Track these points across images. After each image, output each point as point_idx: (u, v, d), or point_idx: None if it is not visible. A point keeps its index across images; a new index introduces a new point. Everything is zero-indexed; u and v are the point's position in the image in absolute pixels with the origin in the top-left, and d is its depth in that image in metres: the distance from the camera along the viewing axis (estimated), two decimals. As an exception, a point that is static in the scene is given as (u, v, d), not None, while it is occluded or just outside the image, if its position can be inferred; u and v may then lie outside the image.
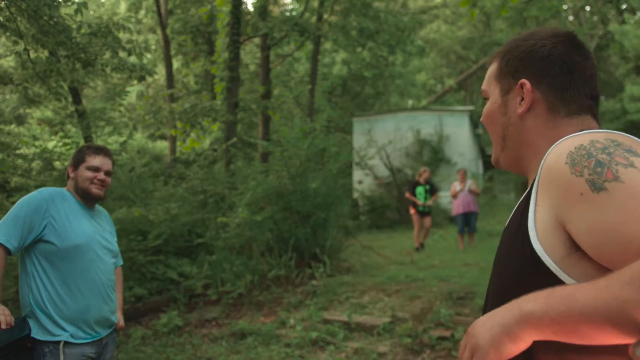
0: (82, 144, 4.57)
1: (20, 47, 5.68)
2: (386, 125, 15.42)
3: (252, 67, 17.73)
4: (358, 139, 15.26)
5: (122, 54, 6.58)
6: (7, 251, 2.22)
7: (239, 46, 10.73)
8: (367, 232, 12.44)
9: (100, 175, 2.49)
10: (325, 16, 14.50)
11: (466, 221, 9.22)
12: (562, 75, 1.05)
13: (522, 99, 1.07)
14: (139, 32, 18.74)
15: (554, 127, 1.04)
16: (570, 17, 24.68)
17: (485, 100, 1.18)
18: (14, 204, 2.35)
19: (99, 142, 7.70)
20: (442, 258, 8.11)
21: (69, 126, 9.12)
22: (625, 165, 0.83)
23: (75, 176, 2.49)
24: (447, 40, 27.63)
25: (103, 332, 2.45)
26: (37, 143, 7.82)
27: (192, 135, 12.78)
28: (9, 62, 10.51)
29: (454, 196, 9.34)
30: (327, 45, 19.30)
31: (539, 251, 0.89)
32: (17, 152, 7.26)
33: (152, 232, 6.88)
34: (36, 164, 7.31)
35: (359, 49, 17.75)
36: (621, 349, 0.84)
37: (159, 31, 16.06)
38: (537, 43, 1.07)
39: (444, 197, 13.05)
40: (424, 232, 9.62)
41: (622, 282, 0.74)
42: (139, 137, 18.99)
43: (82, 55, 5.62)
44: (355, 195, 14.41)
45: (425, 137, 15.02)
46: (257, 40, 14.51)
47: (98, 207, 2.63)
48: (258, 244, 7.11)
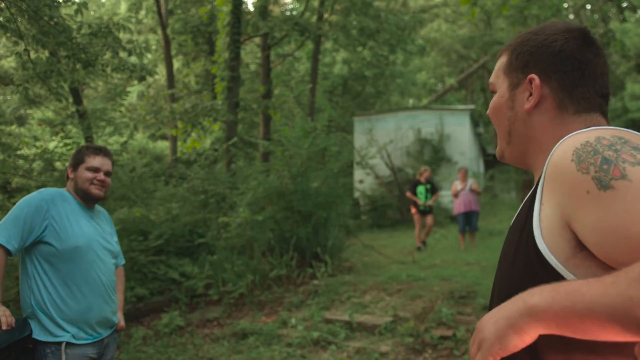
0: (82, 145, 4.57)
1: (21, 47, 5.68)
2: (387, 125, 15.41)
3: (252, 67, 17.73)
4: (359, 139, 15.26)
5: (122, 54, 6.58)
6: (8, 252, 2.22)
7: (240, 46, 10.73)
8: (368, 231, 12.43)
9: (100, 176, 2.48)
10: (326, 15, 14.49)
11: (467, 220, 9.21)
12: (573, 72, 1.03)
13: (531, 94, 1.05)
14: (139, 33, 18.72)
15: (561, 125, 1.03)
16: (571, 16, 24.62)
17: (493, 93, 1.16)
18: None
19: (100, 143, 7.71)
20: (444, 257, 8.10)
21: (69, 127, 9.11)
22: (633, 163, 0.82)
23: (74, 177, 2.48)
24: (447, 39, 27.58)
25: (104, 333, 2.45)
26: (38, 144, 7.83)
27: (193, 135, 12.79)
28: (9, 63, 10.51)
29: (455, 195, 9.33)
30: (328, 44, 19.31)
31: (543, 250, 0.88)
32: (18, 152, 7.25)
33: (153, 232, 6.89)
34: (37, 165, 7.31)
35: (359, 48, 17.75)
36: (628, 350, 0.84)
37: (159, 31, 16.07)
38: (549, 38, 1.05)
39: (445, 196, 13.04)
40: (426, 230, 9.61)
41: (629, 279, 0.73)
42: (140, 137, 19.00)
43: (83, 55, 5.61)
44: (357, 194, 14.40)
45: (426, 136, 15.00)
46: (257, 40, 14.50)
47: (98, 207, 2.62)
48: (259, 243, 7.10)
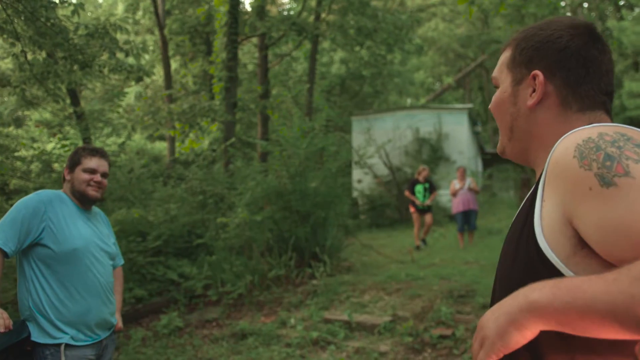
0: (79, 146, 4.56)
1: (18, 49, 5.67)
2: (385, 124, 15.41)
3: (250, 67, 17.71)
4: (357, 138, 15.25)
5: (119, 55, 6.57)
6: (5, 254, 2.21)
7: (237, 46, 10.72)
8: (367, 231, 12.44)
9: (97, 177, 2.47)
10: (323, 15, 14.48)
11: (466, 219, 9.21)
12: (578, 69, 1.01)
13: (534, 90, 1.04)
14: (136, 33, 18.70)
15: (564, 122, 1.01)
16: (568, 14, 24.66)
17: (495, 87, 1.15)
18: (13, 206, 2.34)
19: (98, 144, 7.70)
20: (443, 256, 8.10)
21: (67, 128, 9.11)
22: (636, 160, 0.81)
23: (71, 178, 2.47)
24: (445, 38, 27.60)
25: (103, 334, 2.45)
26: (35, 145, 7.82)
27: (191, 135, 12.76)
28: (6, 64, 10.49)
29: (454, 194, 9.34)
30: (325, 44, 19.30)
31: (544, 248, 0.88)
32: (16, 154, 7.24)
33: (152, 233, 6.88)
34: (35, 166, 7.30)
35: (357, 48, 17.74)
36: (628, 350, 0.83)
37: (156, 32, 16.03)
38: (554, 34, 1.03)
39: (444, 196, 13.05)
40: (425, 228, 9.62)
41: (631, 277, 0.72)
42: (138, 138, 18.96)
43: (80, 56, 5.60)
44: (355, 194, 14.40)
45: (424, 136, 15.00)
46: (255, 40, 14.48)
47: (95, 208, 2.61)
48: (258, 244, 7.10)
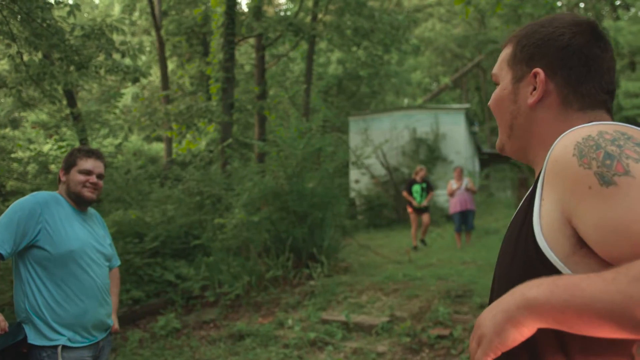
0: (74, 147, 4.55)
1: (14, 50, 5.65)
2: (382, 124, 15.42)
3: (247, 68, 17.71)
4: (354, 139, 15.26)
5: (115, 55, 6.55)
6: (0, 256, 2.20)
7: (234, 47, 10.71)
8: (364, 231, 12.44)
9: (93, 179, 2.46)
10: (320, 16, 14.49)
11: (463, 219, 9.22)
12: (579, 68, 1.00)
13: (535, 88, 1.03)
14: (133, 34, 18.67)
15: (565, 121, 1.00)
16: (565, 14, 24.70)
17: (495, 84, 1.13)
18: (9, 207, 2.32)
19: (95, 145, 7.68)
20: (440, 256, 8.10)
21: (64, 129, 9.08)
22: (636, 159, 0.80)
23: (67, 180, 2.46)
24: (442, 39, 27.62)
25: (100, 336, 2.44)
26: (32, 146, 7.81)
27: (188, 136, 12.75)
28: (2, 66, 10.44)
29: (451, 194, 9.34)
30: (322, 44, 19.32)
31: (543, 247, 0.87)
32: (12, 155, 7.22)
33: (149, 235, 6.86)
34: (31, 168, 7.28)
35: (354, 48, 17.77)
36: (627, 350, 0.83)
37: (153, 33, 16.03)
38: (556, 31, 1.01)
39: (441, 196, 13.06)
40: (423, 228, 9.63)
41: (630, 277, 0.72)
42: (135, 139, 18.95)
43: (76, 57, 5.58)
44: (352, 194, 14.40)
45: (421, 136, 15.02)
46: (251, 40, 14.49)
47: (90, 210, 2.60)
48: (255, 244, 7.09)
